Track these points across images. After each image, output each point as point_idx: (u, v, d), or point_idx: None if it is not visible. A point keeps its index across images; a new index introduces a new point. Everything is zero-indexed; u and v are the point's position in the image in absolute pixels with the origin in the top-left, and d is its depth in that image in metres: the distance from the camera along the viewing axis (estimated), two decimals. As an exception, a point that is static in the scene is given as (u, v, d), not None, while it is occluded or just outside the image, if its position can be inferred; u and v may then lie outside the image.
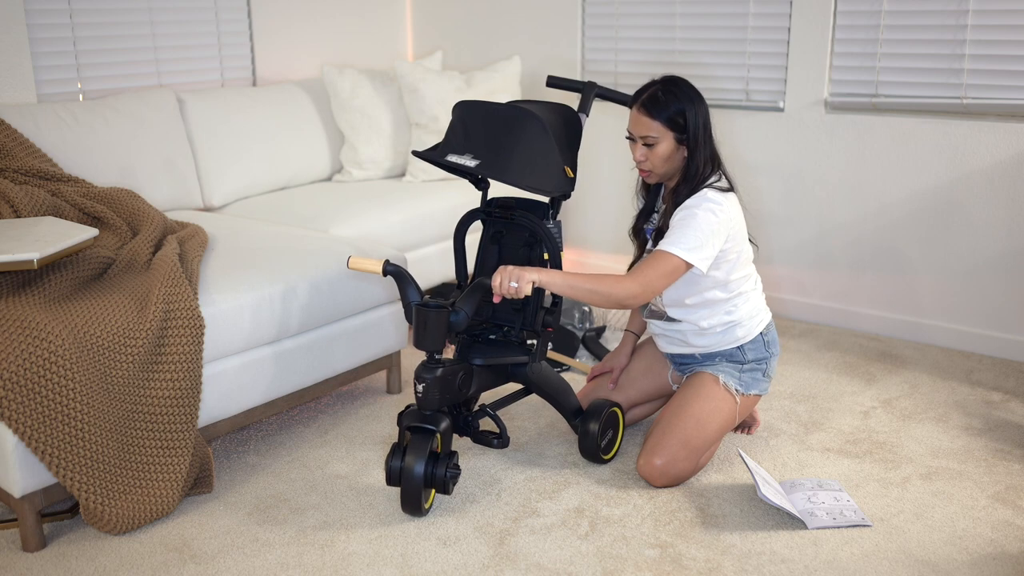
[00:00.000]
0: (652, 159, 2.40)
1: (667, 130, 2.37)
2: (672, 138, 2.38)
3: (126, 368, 2.19)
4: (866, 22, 3.39)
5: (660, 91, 2.38)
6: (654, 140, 2.37)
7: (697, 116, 2.37)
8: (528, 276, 2.20)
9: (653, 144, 2.38)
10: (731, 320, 2.49)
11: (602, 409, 2.51)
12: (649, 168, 2.42)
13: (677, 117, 2.36)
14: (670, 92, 2.37)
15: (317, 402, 3.00)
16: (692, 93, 2.39)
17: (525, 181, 2.29)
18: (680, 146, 2.39)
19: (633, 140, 2.42)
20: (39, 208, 2.58)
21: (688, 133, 2.37)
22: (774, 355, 2.58)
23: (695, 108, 2.37)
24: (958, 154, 3.30)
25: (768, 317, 2.59)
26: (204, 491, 2.41)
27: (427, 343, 2.23)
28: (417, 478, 2.22)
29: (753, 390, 2.54)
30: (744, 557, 2.15)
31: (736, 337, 2.51)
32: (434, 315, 2.20)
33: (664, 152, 2.39)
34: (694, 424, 2.43)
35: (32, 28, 3.23)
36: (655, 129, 2.36)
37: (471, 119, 2.38)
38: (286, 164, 3.76)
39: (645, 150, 2.40)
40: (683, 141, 2.39)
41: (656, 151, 2.39)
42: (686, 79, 2.43)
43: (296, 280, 2.63)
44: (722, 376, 2.51)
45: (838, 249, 3.62)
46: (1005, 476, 2.50)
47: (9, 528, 2.26)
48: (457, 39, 4.49)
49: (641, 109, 2.38)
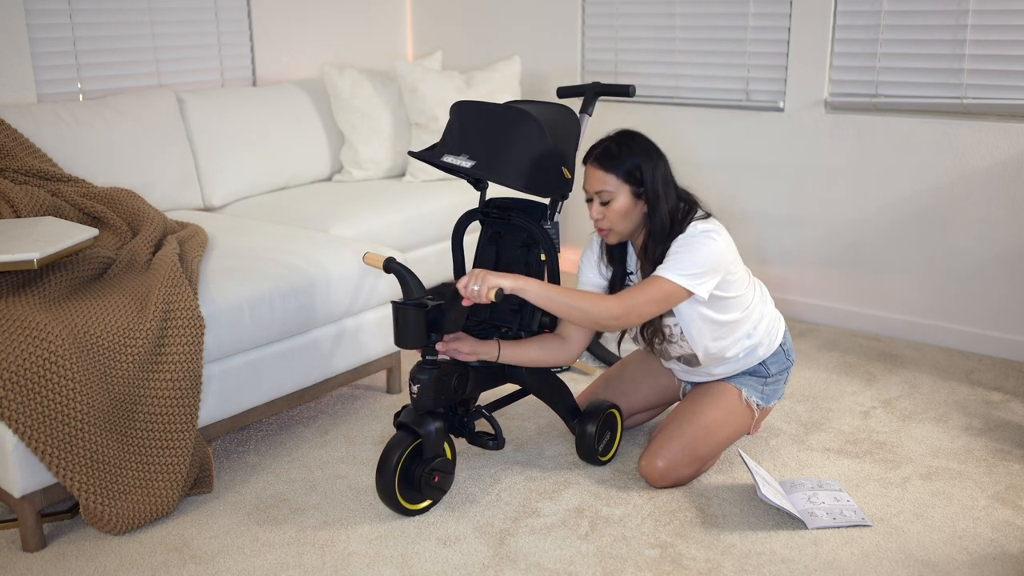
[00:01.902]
0: (610, 216, 2.30)
1: (623, 183, 2.27)
2: (629, 192, 2.28)
3: (126, 368, 2.19)
4: (866, 22, 3.39)
5: (613, 144, 2.29)
6: (610, 195, 2.28)
7: (655, 169, 2.28)
8: (492, 281, 2.13)
9: (609, 200, 2.28)
10: (751, 344, 2.45)
11: (600, 410, 2.51)
12: (607, 227, 2.32)
13: (633, 170, 2.26)
14: (624, 145, 2.29)
15: (317, 402, 3.00)
16: (648, 146, 2.31)
17: (521, 182, 2.28)
18: (638, 200, 2.29)
19: (590, 199, 2.33)
20: (39, 208, 2.58)
21: (646, 187, 2.27)
22: (793, 362, 2.57)
23: (652, 161, 2.28)
24: (958, 154, 3.30)
25: (783, 325, 2.55)
26: (204, 491, 2.41)
27: (406, 341, 2.23)
28: (388, 472, 2.23)
29: (773, 400, 2.54)
30: (744, 557, 2.15)
31: (757, 356, 2.48)
32: (411, 313, 2.20)
33: (621, 208, 2.29)
34: (704, 433, 2.41)
35: (32, 28, 3.23)
36: (610, 183, 2.27)
37: (468, 119, 2.38)
38: (286, 164, 3.76)
39: (602, 208, 2.30)
40: (641, 195, 2.29)
41: (613, 207, 2.28)
42: (642, 133, 2.34)
43: (296, 280, 2.63)
44: (745, 390, 2.49)
45: (838, 249, 3.62)
46: (1005, 476, 2.50)
47: (9, 528, 2.26)
48: (457, 39, 4.49)
49: (595, 163, 2.29)
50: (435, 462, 2.29)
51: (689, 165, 3.86)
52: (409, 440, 2.27)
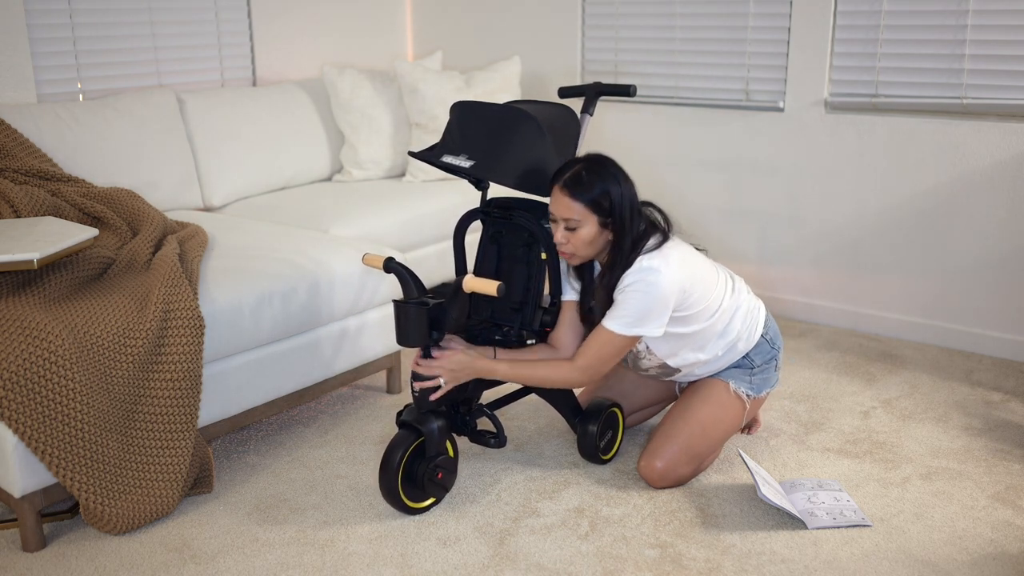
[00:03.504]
0: (574, 242, 2.25)
1: (590, 213, 2.21)
2: (596, 222, 2.22)
3: (126, 368, 2.19)
4: (866, 22, 3.39)
5: (584, 171, 2.22)
6: (576, 223, 2.22)
7: (623, 197, 2.22)
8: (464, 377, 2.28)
9: (575, 227, 2.23)
10: (727, 341, 2.44)
11: (601, 409, 2.51)
12: (571, 251, 2.27)
13: (601, 199, 2.21)
14: (593, 172, 2.22)
15: (317, 402, 3.00)
16: (618, 172, 2.25)
17: (520, 182, 2.28)
18: (604, 230, 2.25)
19: (555, 221, 2.27)
20: (39, 208, 2.58)
21: (614, 216, 2.23)
22: (780, 348, 2.57)
23: (620, 188, 2.22)
24: (958, 154, 3.30)
25: (762, 315, 2.53)
26: (204, 491, 2.41)
27: (407, 339, 2.23)
28: (391, 470, 2.24)
29: (764, 390, 2.54)
30: (744, 557, 2.15)
31: (738, 351, 2.48)
32: (413, 311, 2.20)
33: (587, 236, 2.24)
34: (699, 430, 2.42)
35: (32, 28, 3.23)
36: (577, 212, 2.21)
37: (468, 119, 2.38)
38: (286, 164, 3.76)
39: (567, 233, 2.24)
40: (607, 225, 2.24)
41: (579, 235, 2.23)
42: (611, 158, 2.29)
43: (296, 280, 2.63)
44: (733, 382, 2.49)
45: (838, 249, 3.62)
46: (1005, 476, 2.50)
47: (9, 528, 2.26)
48: (457, 39, 4.49)
49: (563, 189, 2.22)
50: (438, 460, 2.30)
51: (689, 165, 3.86)
52: (412, 439, 2.28)
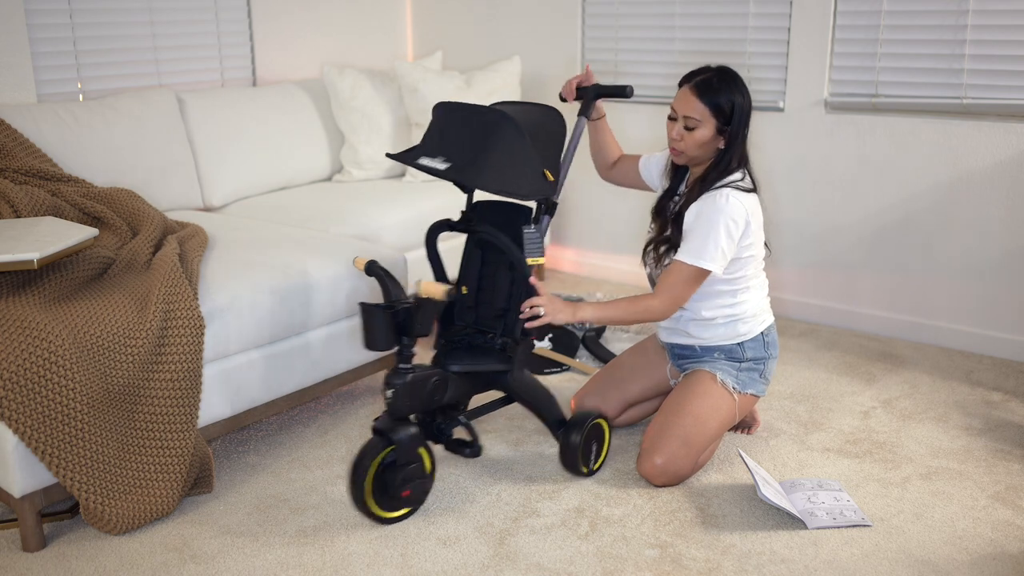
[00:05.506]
0: (688, 141, 2.39)
1: (711, 116, 2.36)
2: (713, 126, 2.37)
3: (126, 368, 2.19)
4: (866, 22, 3.39)
5: (715, 78, 2.38)
6: (695, 123, 2.37)
7: (743, 112, 2.38)
8: (562, 318, 2.31)
9: (694, 127, 2.37)
10: (733, 314, 2.49)
11: (586, 420, 2.45)
12: (682, 149, 2.41)
13: (725, 107, 2.35)
14: (724, 81, 2.37)
15: (317, 402, 3.00)
16: (744, 89, 2.40)
17: (496, 184, 2.21)
18: (718, 136, 2.39)
19: (673, 119, 2.42)
20: (39, 208, 2.58)
21: (731, 125, 2.37)
22: (772, 357, 2.57)
23: (744, 103, 2.38)
24: (958, 154, 3.30)
25: (771, 319, 2.58)
26: (204, 491, 2.41)
27: (375, 343, 2.22)
28: (358, 479, 2.20)
29: (749, 389, 2.54)
30: (744, 557, 2.15)
31: (737, 332, 2.51)
32: (379, 315, 2.19)
33: (702, 138, 2.38)
34: (692, 421, 2.43)
35: (32, 28, 3.23)
36: (699, 112, 2.36)
37: (448, 121, 2.32)
38: (286, 164, 3.76)
39: (683, 131, 2.39)
40: (723, 132, 2.38)
41: (694, 135, 2.38)
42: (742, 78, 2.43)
43: (296, 280, 2.63)
44: (719, 374, 2.51)
45: (838, 249, 3.62)
46: (1005, 476, 2.50)
47: (9, 528, 2.26)
48: (457, 39, 4.49)
49: (693, 89, 2.37)
50: (408, 470, 2.25)
51: (689, 165, 3.87)
52: (382, 446, 2.23)
